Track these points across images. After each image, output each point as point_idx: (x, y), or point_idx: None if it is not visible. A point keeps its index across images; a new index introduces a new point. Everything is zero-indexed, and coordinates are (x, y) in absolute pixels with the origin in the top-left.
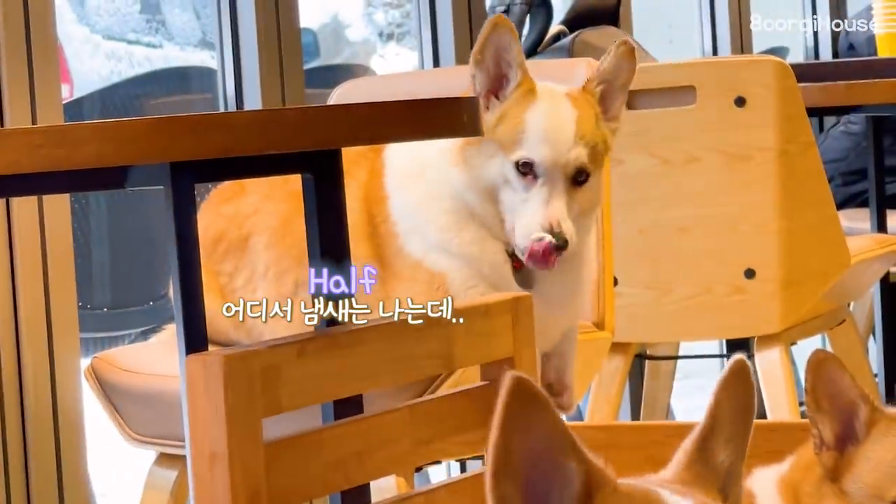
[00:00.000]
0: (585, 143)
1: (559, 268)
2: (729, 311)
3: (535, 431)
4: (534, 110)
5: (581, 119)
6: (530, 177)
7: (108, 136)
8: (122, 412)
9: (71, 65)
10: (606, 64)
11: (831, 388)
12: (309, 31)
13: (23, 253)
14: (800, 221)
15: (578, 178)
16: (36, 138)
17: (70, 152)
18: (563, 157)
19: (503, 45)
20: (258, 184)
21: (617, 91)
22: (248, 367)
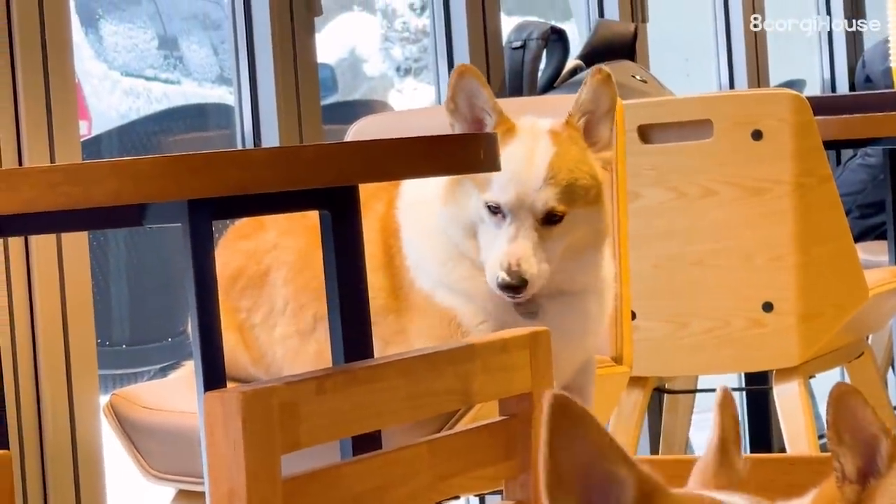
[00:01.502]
0: (557, 183)
1: (564, 300)
2: (747, 344)
3: (581, 444)
4: (507, 151)
5: (557, 157)
6: (500, 216)
7: (125, 173)
8: (141, 449)
9: (89, 101)
10: (584, 95)
11: (853, 422)
12: (326, 67)
13: (42, 290)
14: (817, 254)
15: (551, 218)
16: (54, 176)
17: (88, 190)
18: (528, 198)
19: (472, 92)
20: (276, 219)
21: (601, 119)
22: (267, 404)
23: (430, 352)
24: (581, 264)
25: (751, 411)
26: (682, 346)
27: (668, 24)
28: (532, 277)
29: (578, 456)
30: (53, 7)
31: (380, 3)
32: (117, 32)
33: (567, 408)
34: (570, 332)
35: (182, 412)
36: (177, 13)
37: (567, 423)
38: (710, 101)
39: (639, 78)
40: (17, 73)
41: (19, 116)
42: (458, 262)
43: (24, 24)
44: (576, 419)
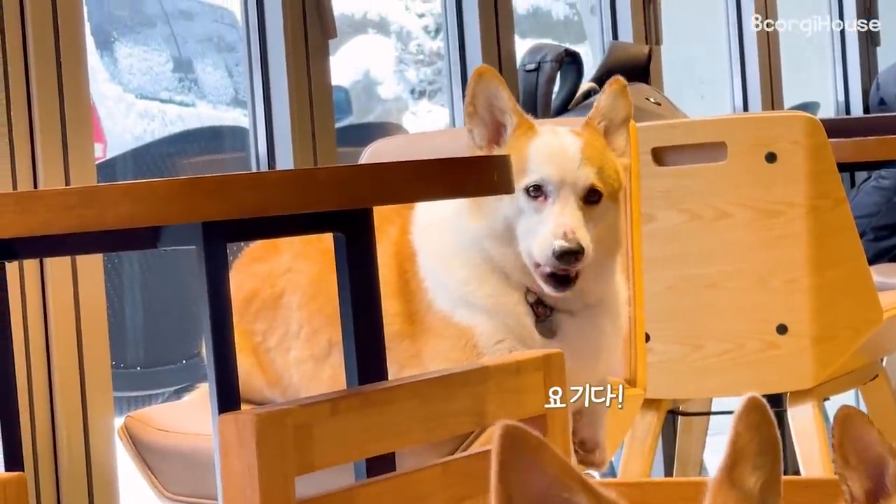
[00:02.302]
0: (592, 165)
1: (580, 319)
2: (761, 366)
3: (535, 475)
4: (536, 141)
5: (587, 144)
6: (541, 198)
7: (139, 196)
8: (156, 471)
9: (104, 124)
10: (603, 102)
11: (859, 444)
12: (341, 89)
13: (56, 312)
14: (831, 277)
15: (591, 197)
16: (69, 199)
17: (102, 213)
18: (571, 175)
19: (492, 94)
20: (291, 242)
21: (617, 127)
22: (281, 426)
23: (444, 374)
24: (598, 272)
25: None
26: (697, 369)
27: (682, 46)
28: (587, 246)
29: (532, 487)
30: (68, 29)
31: (394, 25)
32: (132, 55)
33: (518, 437)
34: (585, 352)
35: (196, 434)
36: (191, 36)
37: (519, 453)
38: (724, 124)
39: (653, 100)
40: (32, 95)
41: (34, 139)
42: (485, 279)
43: (39, 47)
44: (528, 449)
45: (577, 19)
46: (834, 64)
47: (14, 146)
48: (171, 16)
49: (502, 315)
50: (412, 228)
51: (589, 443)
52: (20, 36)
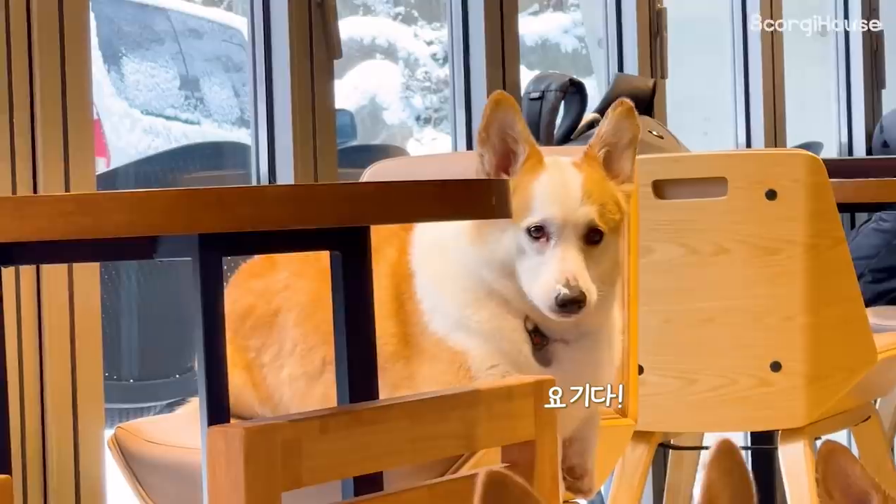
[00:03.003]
0: (593, 202)
1: (577, 348)
2: (754, 403)
3: None
4: (541, 179)
5: (586, 180)
6: (543, 239)
7: (137, 205)
8: (144, 482)
9: (108, 138)
10: (606, 126)
11: (842, 479)
12: (346, 113)
13: (51, 322)
14: (827, 316)
15: (592, 237)
16: (66, 205)
17: (99, 221)
18: (572, 215)
19: (507, 123)
20: (288, 260)
21: (623, 150)
22: (270, 441)
23: (435, 395)
24: (599, 302)
25: (756, 470)
26: (689, 403)
27: (687, 82)
28: (589, 293)
29: None
30: (74, 44)
31: (402, 51)
32: (139, 71)
33: (503, 485)
34: (580, 381)
35: (186, 447)
36: (199, 54)
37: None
38: (725, 159)
39: (655, 133)
40: (35, 104)
41: (36, 149)
42: (483, 304)
43: (44, 54)
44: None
45: (584, 52)
46: (839, 105)
47: (15, 156)
48: (179, 33)
49: (498, 340)
50: (411, 250)
51: (577, 470)
52: (26, 48)
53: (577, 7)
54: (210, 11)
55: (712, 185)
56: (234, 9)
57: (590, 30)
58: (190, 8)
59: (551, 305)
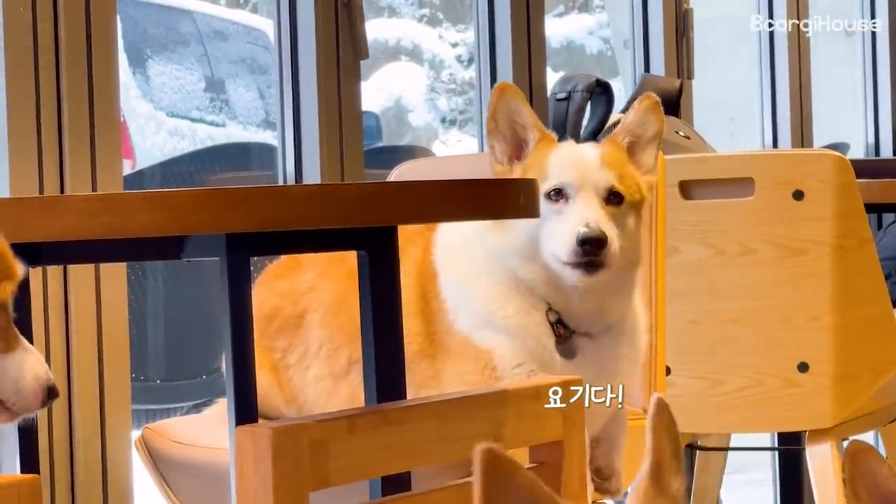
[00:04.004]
0: (612, 169)
1: (601, 340)
2: (781, 404)
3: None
4: (557, 151)
5: (606, 154)
6: (562, 201)
7: (164, 205)
8: (171, 483)
9: (134, 140)
10: (631, 117)
11: (870, 479)
12: (371, 115)
13: (78, 323)
14: (854, 316)
15: (613, 199)
16: (94, 205)
17: (127, 220)
18: (591, 177)
19: (513, 110)
20: (314, 261)
21: (647, 144)
22: (297, 441)
23: (463, 395)
24: (618, 286)
25: (783, 471)
26: (716, 404)
27: (714, 83)
28: (611, 235)
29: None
30: (101, 46)
31: (427, 53)
32: (165, 73)
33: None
34: (603, 375)
35: (213, 448)
36: (224, 56)
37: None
38: (752, 160)
39: (682, 134)
40: (62, 110)
41: (64, 150)
42: (510, 297)
43: (72, 61)
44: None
45: (609, 54)
46: (865, 105)
47: (43, 157)
48: (205, 35)
49: (523, 336)
50: (435, 249)
51: (605, 470)
52: (53, 50)
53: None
54: (235, 13)
55: (739, 186)
56: (260, 11)
57: (616, 31)
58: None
59: (573, 248)
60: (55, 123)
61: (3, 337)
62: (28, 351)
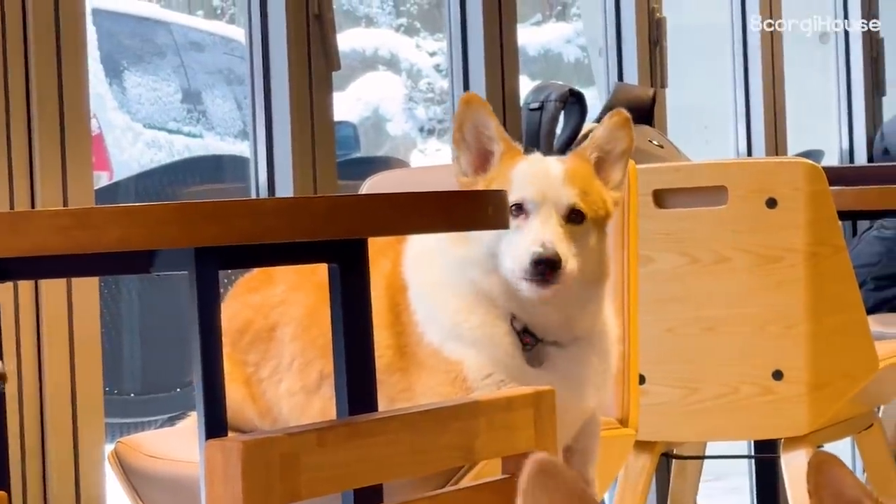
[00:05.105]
0: (575, 186)
1: (568, 351)
2: (756, 411)
3: None
4: (520, 165)
5: (570, 169)
6: (522, 217)
7: (133, 219)
8: (144, 496)
9: (111, 153)
10: (600, 132)
11: (834, 488)
12: (349, 125)
13: (50, 337)
14: (828, 324)
15: (573, 217)
16: (63, 220)
17: (96, 235)
18: (552, 193)
19: (480, 122)
20: (285, 274)
21: (615, 160)
22: (267, 454)
23: (434, 407)
24: (584, 300)
25: (759, 478)
26: (692, 412)
27: (687, 91)
28: (564, 257)
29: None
30: (71, 56)
31: (405, 63)
32: (141, 84)
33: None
34: (573, 384)
35: (185, 461)
36: (201, 67)
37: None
38: (725, 168)
39: (655, 143)
40: (32, 122)
41: (34, 164)
42: (472, 309)
43: (41, 73)
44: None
45: (586, 62)
46: (839, 113)
47: (13, 171)
48: (181, 47)
49: (490, 347)
50: (404, 261)
51: None
52: (23, 62)
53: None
54: (212, 24)
55: (712, 194)
56: (237, 22)
57: (591, 39)
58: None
59: (525, 268)
60: (25, 137)
61: None
62: None
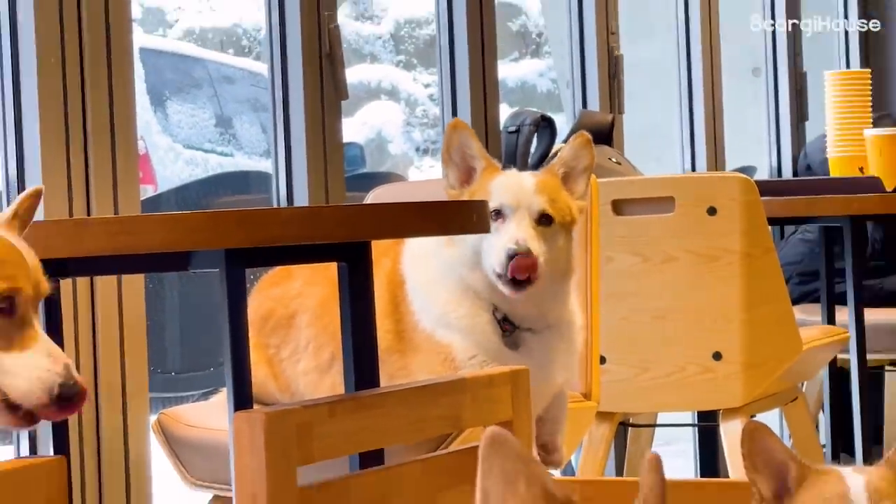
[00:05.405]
0: (545, 195)
1: (539, 336)
2: (699, 387)
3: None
4: (499, 177)
5: (541, 181)
6: (501, 220)
7: (173, 226)
8: (183, 460)
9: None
10: (566, 152)
11: (765, 453)
12: (357, 145)
13: (103, 325)
14: (759, 313)
15: (544, 220)
16: (112, 227)
17: (141, 239)
18: (525, 200)
19: (464, 143)
20: (302, 270)
21: (579, 174)
22: (286, 424)
23: (427, 383)
24: (553, 293)
25: (701, 444)
26: (645, 388)
27: (641, 115)
28: (537, 252)
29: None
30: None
31: (403, 93)
32: (181, 111)
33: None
34: (544, 364)
35: (218, 429)
36: (232, 97)
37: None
38: (672, 182)
39: (614, 160)
40: (88, 144)
41: (90, 182)
42: (460, 302)
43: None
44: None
45: (556, 93)
46: (769, 135)
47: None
48: (214, 80)
49: (475, 333)
50: (402, 260)
51: (549, 446)
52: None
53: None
54: (241, 61)
55: (662, 204)
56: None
57: (560, 73)
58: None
59: (502, 262)
60: (82, 155)
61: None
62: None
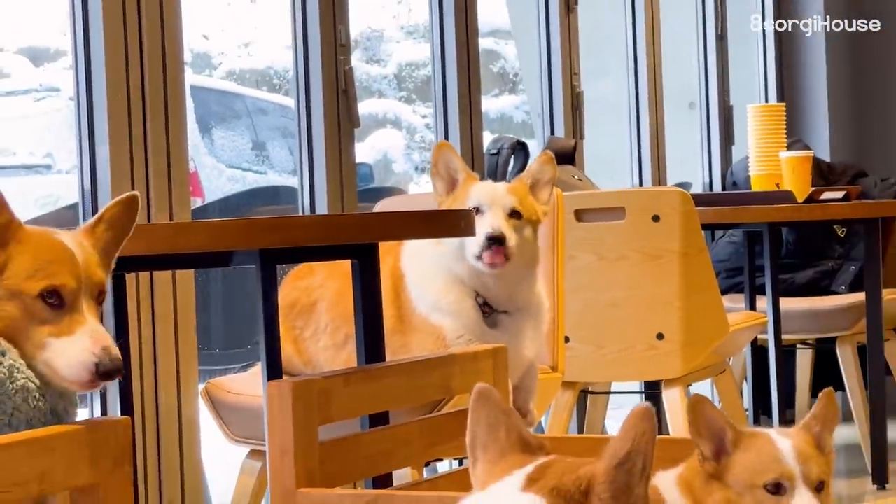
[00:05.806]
0: (516, 196)
1: (512, 317)
2: (645, 362)
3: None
4: (477, 184)
5: (511, 186)
6: (479, 215)
7: (216, 231)
8: (226, 421)
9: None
10: (533, 166)
11: (706, 420)
12: (366, 165)
13: (160, 311)
14: (695, 301)
15: (514, 215)
16: (167, 231)
17: (190, 241)
18: (499, 198)
19: (448, 159)
20: (322, 267)
21: (544, 185)
22: (309, 391)
23: (423, 358)
24: (522, 278)
25: None
26: (601, 362)
27: (598, 140)
28: (510, 238)
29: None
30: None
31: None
32: (224, 137)
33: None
34: (518, 340)
35: (254, 395)
36: (265, 125)
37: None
38: (624, 195)
39: (576, 177)
40: (148, 164)
41: (150, 195)
42: (450, 289)
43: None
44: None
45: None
46: (702, 156)
47: None
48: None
49: (462, 317)
50: (402, 258)
51: (523, 409)
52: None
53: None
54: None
55: (615, 212)
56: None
57: (532, 106)
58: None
59: (482, 243)
60: (144, 173)
61: (55, 323)
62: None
